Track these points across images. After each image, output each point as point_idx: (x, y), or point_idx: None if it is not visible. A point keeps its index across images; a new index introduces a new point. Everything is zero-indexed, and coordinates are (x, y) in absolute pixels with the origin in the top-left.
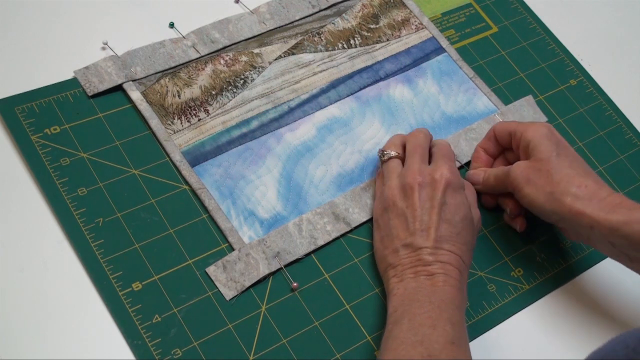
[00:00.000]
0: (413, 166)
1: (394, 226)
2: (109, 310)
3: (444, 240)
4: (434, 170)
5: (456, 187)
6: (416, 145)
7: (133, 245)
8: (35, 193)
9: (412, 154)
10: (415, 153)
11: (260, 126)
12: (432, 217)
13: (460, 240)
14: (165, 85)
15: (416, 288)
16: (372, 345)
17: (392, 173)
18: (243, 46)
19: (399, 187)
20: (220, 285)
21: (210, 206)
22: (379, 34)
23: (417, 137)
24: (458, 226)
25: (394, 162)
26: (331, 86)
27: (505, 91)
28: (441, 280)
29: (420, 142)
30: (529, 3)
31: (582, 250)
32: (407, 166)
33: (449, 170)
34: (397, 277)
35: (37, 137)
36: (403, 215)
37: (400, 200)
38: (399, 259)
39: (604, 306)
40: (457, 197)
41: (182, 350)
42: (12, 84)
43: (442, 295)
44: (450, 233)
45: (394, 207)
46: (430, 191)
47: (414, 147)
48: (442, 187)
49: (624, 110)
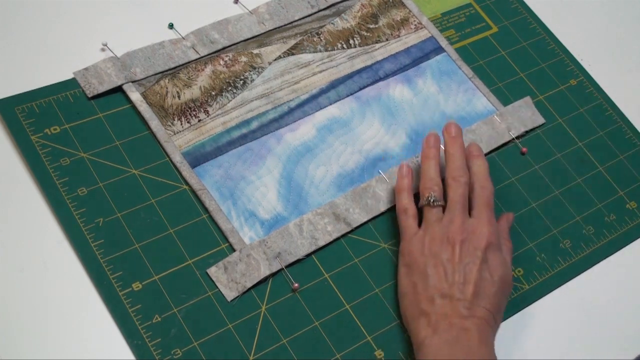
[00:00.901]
0: (456, 220)
1: (431, 275)
2: (109, 310)
3: (482, 296)
4: (476, 227)
5: (496, 247)
6: (460, 195)
7: (133, 245)
8: (35, 193)
9: (454, 205)
10: (458, 204)
11: (260, 127)
12: (472, 272)
13: (496, 299)
14: (165, 86)
15: (451, 343)
16: (372, 345)
17: (436, 222)
18: (242, 47)
19: (441, 239)
20: (221, 286)
21: (210, 207)
22: (378, 34)
23: (462, 186)
24: (496, 285)
25: (440, 210)
26: (331, 86)
27: (505, 91)
28: (476, 337)
29: (464, 193)
30: (529, 3)
31: (582, 250)
32: (451, 219)
33: (490, 229)
34: (431, 328)
35: (37, 137)
36: (442, 266)
37: (442, 252)
38: (434, 308)
39: (604, 306)
40: (497, 256)
41: (182, 350)
42: (12, 84)
43: (477, 354)
44: (488, 291)
45: (434, 258)
46: (472, 248)
47: (457, 197)
48: (484, 245)
49: (624, 110)
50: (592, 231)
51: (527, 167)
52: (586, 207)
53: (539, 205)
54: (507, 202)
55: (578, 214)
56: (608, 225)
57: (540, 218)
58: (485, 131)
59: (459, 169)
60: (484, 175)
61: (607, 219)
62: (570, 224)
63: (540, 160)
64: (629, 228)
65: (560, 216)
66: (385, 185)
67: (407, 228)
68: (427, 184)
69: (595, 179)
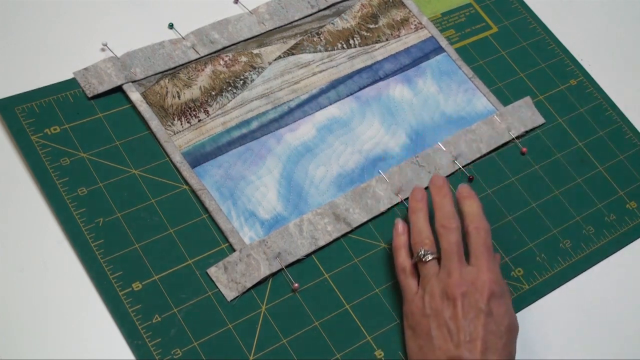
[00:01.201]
0: (453, 272)
1: (436, 336)
2: (109, 310)
3: (491, 351)
4: (477, 277)
5: (500, 294)
6: (453, 243)
7: (133, 245)
8: (35, 193)
9: (449, 254)
10: (453, 254)
11: (260, 127)
12: (477, 328)
13: (506, 351)
14: (164, 86)
15: None
16: (372, 345)
17: (433, 277)
18: (242, 47)
19: (441, 296)
20: (221, 286)
21: (210, 207)
22: (378, 34)
23: (452, 233)
24: (504, 337)
25: (434, 265)
26: (331, 86)
27: (505, 91)
28: None
29: (457, 240)
30: (529, 3)
31: (582, 250)
32: (448, 271)
33: (491, 277)
34: None
35: (37, 137)
36: (446, 326)
37: (444, 310)
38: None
39: (604, 306)
40: (501, 305)
41: (182, 350)
42: (12, 84)
43: None
44: (497, 345)
45: (436, 317)
46: (474, 300)
47: (450, 246)
48: (487, 296)
49: (624, 110)
50: (592, 231)
51: (527, 167)
52: (586, 207)
53: (539, 205)
54: (507, 202)
55: (578, 214)
56: (608, 225)
57: (540, 218)
58: (485, 131)
59: (448, 215)
60: (478, 216)
61: (607, 219)
62: (570, 224)
63: (540, 160)
64: (629, 228)
65: (560, 216)
66: (385, 185)
67: (407, 287)
68: (417, 238)
69: (595, 179)
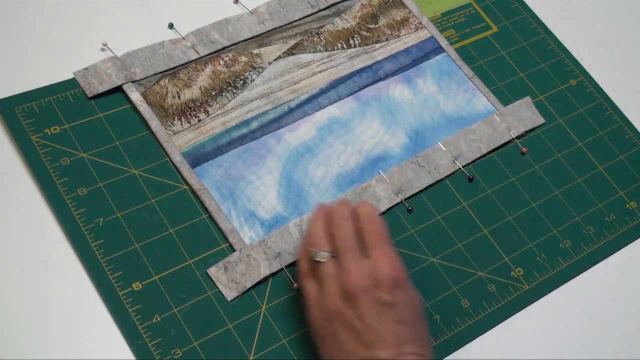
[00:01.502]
0: (349, 268)
1: (344, 340)
2: (109, 310)
3: (405, 343)
4: (375, 268)
5: (402, 282)
6: (345, 239)
7: (133, 245)
8: (35, 193)
9: (343, 251)
10: (346, 250)
11: (260, 127)
12: (385, 323)
13: (418, 336)
14: (164, 86)
15: None
16: None
17: (329, 277)
18: (242, 47)
19: (340, 295)
20: (221, 286)
21: (210, 207)
22: (378, 34)
23: (343, 229)
24: (414, 324)
25: (329, 264)
26: (331, 86)
27: (506, 91)
28: None
29: (349, 235)
30: (529, 3)
31: (582, 250)
32: (344, 268)
33: (390, 265)
34: None
35: (37, 137)
36: (352, 328)
37: (346, 310)
38: None
39: (604, 306)
40: (406, 293)
41: (182, 350)
42: (12, 84)
43: None
44: (409, 333)
45: (340, 318)
46: (376, 294)
47: (343, 242)
48: (388, 287)
49: (624, 110)
50: (592, 231)
51: (527, 167)
52: (586, 207)
53: (539, 205)
54: (507, 202)
55: (578, 214)
56: (608, 225)
57: (540, 218)
58: (485, 131)
59: (341, 216)
60: (371, 213)
61: (607, 219)
62: (570, 224)
63: (540, 160)
64: (629, 228)
65: (560, 216)
66: (385, 185)
67: (306, 292)
68: (311, 240)
69: (595, 179)
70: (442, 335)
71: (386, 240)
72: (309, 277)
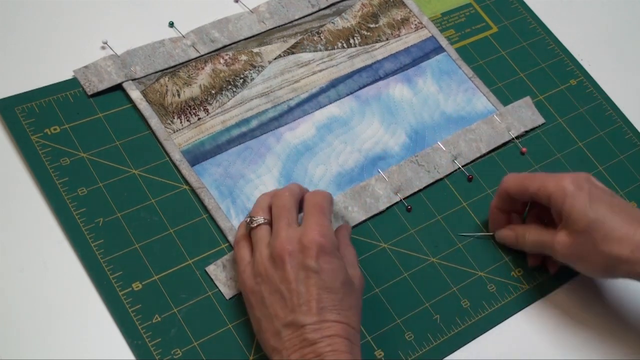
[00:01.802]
0: (280, 233)
1: (270, 304)
2: (109, 310)
3: (327, 310)
4: (303, 234)
5: (329, 250)
6: (280, 207)
7: (133, 245)
8: (35, 193)
9: (277, 218)
10: (281, 216)
11: (259, 125)
12: (309, 288)
13: (344, 306)
14: (164, 84)
15: None
16: (372, 345)
17: (261, 242)
18: (242, 45)
19: (268, 258)
20: (220, 284)
21: (209, 205)
22: (378, 33)
23: (281, 198)
24: (339, 292)
25: (263, 229)
26: (331, 85)
27: (505, 91)
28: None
29: (285, 203)
30: (529, 3)
31: None
32: (274, 233)
33: (319, 232)
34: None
35: (37, 137)
36: (278, 291)
37: (273, 274)
38: (282, 342)
39: (604, 306)
40: (333, 261)
41: (182, 350)
42: (12, 84)
43: None
44: (333, 301)
45: (267, 282)
46: (302, 259)
47: (279, 209)
48: (315, 253)
49: (624, 110)
50: None
51: (527, 167)
52: None
53: None
54: None
55: None
56: None
57: None
58: (485, 131)
59: (284, 188)
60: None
61: None
62: None
63: (540, 160)
64: None
65: None
66: (384, 184)
67: (238, 257)
68: (253, 211)
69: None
70: (442, 335)
71: (322, 211)
72: (243, 242)
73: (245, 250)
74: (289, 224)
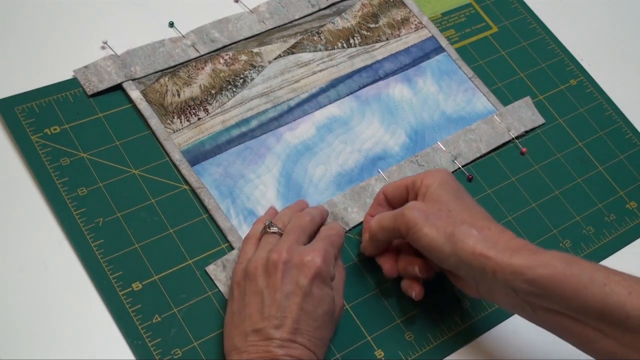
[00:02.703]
0: (285, 243)
1: (248, 303)
2: (109, 310)
3: (300, 333)
4: (307, 252)
5: (325, 278)
6: (297, 226)
7: (133, 245)
8: (35, 193)
9: (288, 232)
10: (292, 232)
11: (259, 125)
12: (291, 306)
13: (317, 335)
14: (164, 84)
15: None
16: (372, 345)
17: (266, 246)
18: (242, 45)
19: (263, 261)
20: (220, 284)
21: (209, 205)
22: (378, 34)
23: (301, 219)
24: (319, 320)
25: (275, 237)
26: (331, 85)
27: (505, 91)
28: None
29: (302, 224)
30: (529, 3)
31: (582, 250)
32: (280, 241)
33: (322, 257)
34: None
35: (37, 137)
36: (260, 295)
37: (261, 276)
38: (246, 344)
39: None
40: (324, 288)
41: (182, 350)
42: (12, 84)
43: None
44: (309, 327)
45: (253, 282)
46: (297, 274)
47: (294, 227)
48: (311, 274)
49: (624, 110)
50: (592, 231)
51: (527, 167)
52: (586, 207)
53: (539, 205)
54: (507, 202)
55: (578, 214)
56: (608, 225)
57: (540, 218)
58: (485, 131)
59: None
60: (336, 224)
61: (607, 219)
62: (570, 224)
63: (540, 160)
64: (629, 228)
65: (560, 216)
66: (384, 185)
67: (243, 251)
68: (275, 219)
69: (595, 179)
70: (442, 335)
71: (332, 243)
72: (253, 240)
73: (250, 248)
74: (297, 240)
